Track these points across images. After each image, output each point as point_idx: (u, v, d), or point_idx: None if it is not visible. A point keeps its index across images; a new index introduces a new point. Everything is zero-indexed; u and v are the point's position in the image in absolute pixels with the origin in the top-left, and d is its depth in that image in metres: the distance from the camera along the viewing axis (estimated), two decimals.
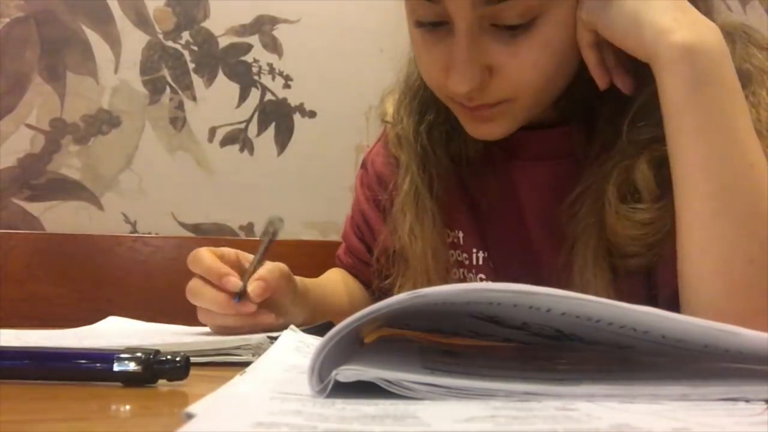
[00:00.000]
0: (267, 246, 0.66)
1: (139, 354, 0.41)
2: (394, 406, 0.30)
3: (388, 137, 0.81)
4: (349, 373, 0.31)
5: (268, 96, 1.24)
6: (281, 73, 1.24)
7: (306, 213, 1.24)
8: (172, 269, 1.14)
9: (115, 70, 1.18)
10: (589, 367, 0.43)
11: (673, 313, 0.32)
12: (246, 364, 0.43)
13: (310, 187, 1.25)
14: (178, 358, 0.41)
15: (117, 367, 0.41)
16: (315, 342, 0.50)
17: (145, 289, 1.13)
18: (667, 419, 0.28)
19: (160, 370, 0.41)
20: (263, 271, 0.67)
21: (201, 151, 1.21)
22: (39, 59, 1.15)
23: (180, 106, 1.20)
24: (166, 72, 1.20)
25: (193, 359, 0.42)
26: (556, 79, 0.61)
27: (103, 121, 1.18)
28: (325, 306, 0.79)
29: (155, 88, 1.20)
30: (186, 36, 1.21)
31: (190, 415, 0.29)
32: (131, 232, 1.18)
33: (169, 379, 0.41)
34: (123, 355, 0.41)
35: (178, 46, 1.20)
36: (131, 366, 0.40)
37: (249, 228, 1.22)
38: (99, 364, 0.41)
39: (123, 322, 0.80)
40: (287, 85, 1.24)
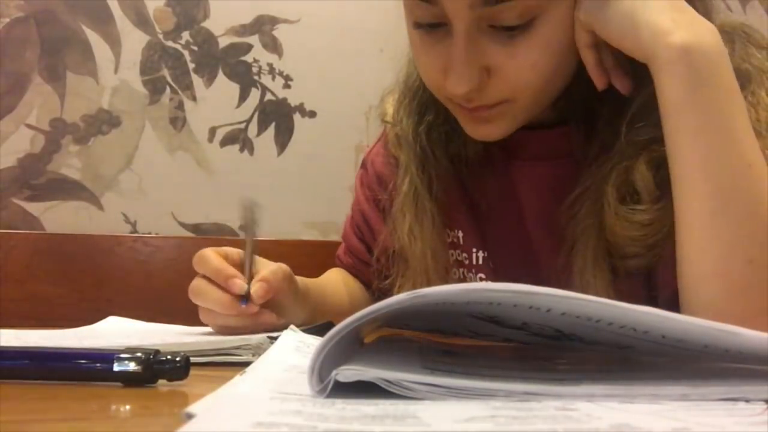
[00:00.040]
0: (253, 237, 0.67)
1: (139, 354, 0.41)
2: (394, 406, 0.30)
3: (388, 137, 0.81)
4: (349, 373, 0.31)
5: (268, 96, 1.24)
6: (281, 73, 1.24)
7: (306, 213, 1.24)
8: (172, 269, 1.14)
9: (115, 70, 1.18)
10: (589, 367, 0.43)
11: (673, 313, 0.32)
12: (246, 364, 0.43)
13: (310, 187, 1.25)
14: (178, 358, 0.41)
15: (117, 367, 0.41)
16: (315, 342, 0.50)
17: (145, 289, 1.13)
18: (667, 419, 0.28)
19: (160, 370, 0.41)
20: (266, 273, 0.67)
21: (201, 151, 1.21)
22: (39, 59, 1.15)
23: (180, 106, 1.20)
24: (166, 72, 1.20)
25: (193, 359, 0.42)
26: (554, 79, 0.61)
27: (103, 121, 1.18)
28: (326, 306, 0.79)
29: (155, 88, 1.20)
30: (186, 36, 1.21)
31: (190, 415, 0.29)
32: (131, 232, 1.18)
33: (169, 379, 0.41)
34: (123, 355, 0.41)
35: (178, 46, 1.20)
36: (131, 366, 0.40)
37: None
38: (99, 364, 0.41)
39: (123, 322, 0.80)
40: (287, 85, 1.24)
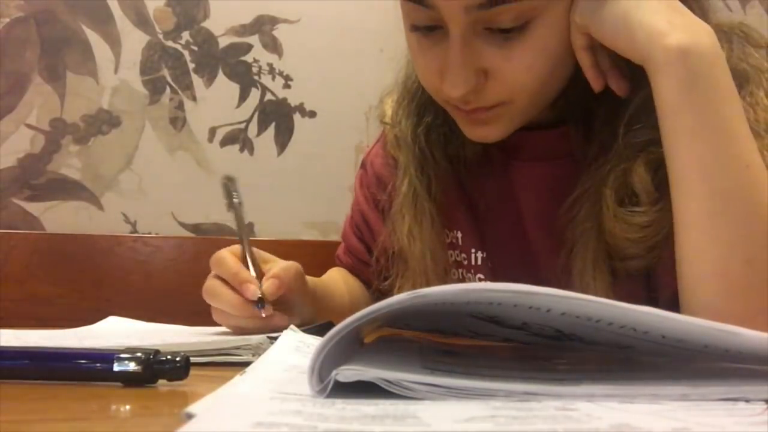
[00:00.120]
0: (241, 215, 0.70)
1: (139, 354, 0.41)
2: (394, 406, 0.30)
3: (387, 139, 0.81)
4: (349, 373, 0.31)
5: (268, 96, 1.24)
6: (281, 73, 1.24)
7: (306, 213, 1.24)
8: (172, 269, 1.14)
9: (115, 70, 1.18)
10: (589, 367, 0.43)
11: (673, 314, 0.32)
12: (246, 364, 0.43)
13: (310, 187, 1.24)
14: (178, 358, 0.41)
15: (117, 367, 0.41)
16: (315, 342, 0.50)
17: (145, 289, 1.13)
18: (667, 419, 0.28)
19: (160, 370, 0.41)
20: (277, 269, 0.68)
21: (201, 151, 1.21)
22: (39, 59, 1.15)
23: (180, 106, 1.20)
24: (166, 72, 1.20)
25: (193, 359, 0.42)
26: (551, 81, 0.61)
27: (103, 121, 1.18)
28: (327, 305, 0.79)
29: (155, 88, 1.20)
30: (186, 36, 1.21)
31: (190, 415, 0.29)
32: (131, 232, 1.18)
33: (169, 379, 0.41)
34: (123, 355, 0.41)
35: (178, 46, 1.20)
36: (131, 366, 0.40)
37: (249, 228, 1.22)
38: (99, 364, 0.41)
39: (123, 322, 0.80)
40: (287, 85, 1.24)
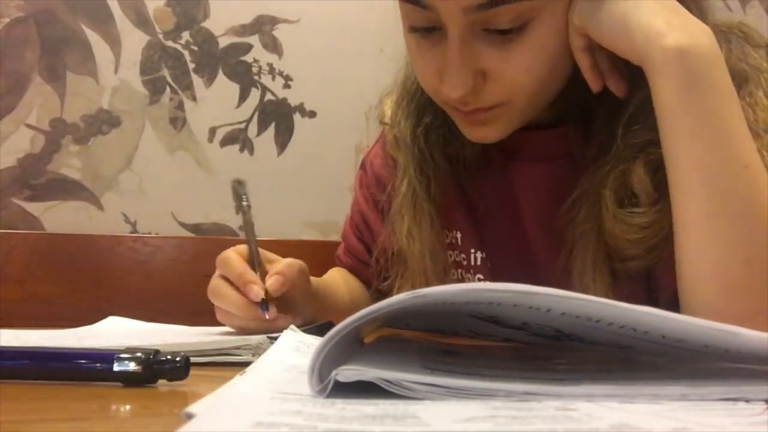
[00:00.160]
0: (249, 219, 0.70)
1: (139, 354, 0.41)
2: (394, 406, 0.30)
3: (386, 139, 0.81)
4: (349, 373, 0.31)
5: (268, 96, 1.24)
6: (281, 73, 1.24)
7: (306, 213, 1.24)
8: (172, 269, 1.14)
9: (115, 70, 1.18)
10: (589, 367, 0.43)
11: (673, 314, 0.32)
12: (246, 364, 0.43)
13: (310, 187, 1.24)
14: (178, 358, 0.41)
15: (117, 367, 0.41)
16: (315, 342, 0.50)
17: (145, 289, 1.13)
18: (667, 419, 0.28)
19: (160, 370, 0.41)
20: (281, 266, 0.68)
21: (201, 151, 1.21)
22: (39, 59, 1.15)
23: (180, 106, 1.20)
24: (166, 72, 1.20)
25: (193, 359, 0.42)
26: (550, 82, 0.61)
27: (103, 121, 1.18)
28: (328, 305, 0.79)
29: (155, 88, 1.20)
30: (186, 36, 1.21)
31: (190, 415, 0.29)
32: (131, 232, 1.18)
33: (169, 379, 0.41)
34: (123, 355, 0.41)
35: (178, 46, 1.20)
36: (131, 366, 0.40)
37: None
38: (99, 364, 0.41)
39: (123, 322, 0.80)
40: (287, 85, 1.24)
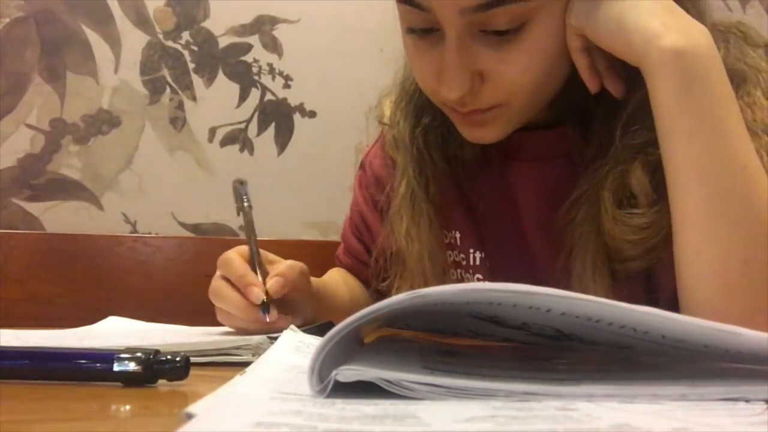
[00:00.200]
0: (250, 219, 0.70)
1: (139, 354, 0.41)
2: (394, 406, 0.30)
3: (385, 139, 0.81)
4: (349, 373, 0.31)
5: (268, 96, 1.24)
6: (281, 73, 1.24)
7: (306, 213, 1.24)
8: (172, 269, 1.14)
9: (115, 70, 1.18)
10: (589, 367, 0.43)
11: (672, 314, 0.32)
12: (246, 364, 0.43)
13: (310, 187, 1.24)
14: (178, 358, 0.41)
15: (117, 367, 0.41)
16: (315, 342, 0.50)
17: (145, 289, 1.13)
18: (667, 419, 0.28)
19: (160, 370, 0.41)
20: (282, 267, 0.68)
21: (201, 151, 1.21)
22: (39, 59, 1.15)
23: (180, 106, 1.20)
24: (166, 72, 1.20)
25: (193, 359, 0.42)
26: (548, 83, 0.61)
27: (103, 121, 1.18)
28: (328, 305, 0.79)
29: (155, 88, 1.20)
30: (186, 36, 1.21)
31: (190, 415, 0.29)
32: (131, 232, 1.18)
33: (169, 379, 0.41)
34: (123, 355, 0.41)
35: (178, 46, 1.20)
36: (131, 366, 0.40)
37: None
38: (99, 364, 0.41)
39: (123, 322, 0.80)
40: (287, 85, 1.24)
